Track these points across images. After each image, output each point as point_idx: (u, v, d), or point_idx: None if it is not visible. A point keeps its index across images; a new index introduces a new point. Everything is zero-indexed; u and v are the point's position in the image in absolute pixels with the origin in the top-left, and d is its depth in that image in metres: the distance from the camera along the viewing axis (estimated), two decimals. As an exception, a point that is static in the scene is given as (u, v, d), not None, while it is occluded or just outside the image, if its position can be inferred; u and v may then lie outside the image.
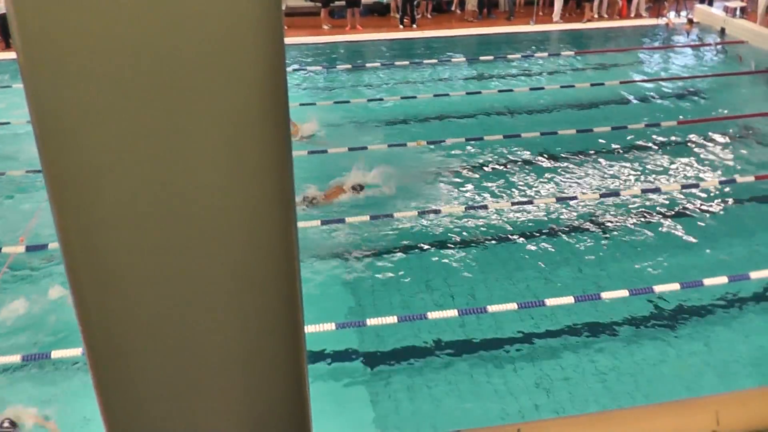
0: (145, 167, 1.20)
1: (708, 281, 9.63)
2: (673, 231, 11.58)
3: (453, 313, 9.01)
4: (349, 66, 19.67)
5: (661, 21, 24.60)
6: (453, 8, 25.13)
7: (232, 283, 1.31)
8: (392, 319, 8.73)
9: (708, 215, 12.09)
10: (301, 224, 10.89)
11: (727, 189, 12.87)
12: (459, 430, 1.32)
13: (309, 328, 8.64)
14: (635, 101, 17.66)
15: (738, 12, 23.57)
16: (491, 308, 8.97)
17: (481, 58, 20.41)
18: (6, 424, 9.59)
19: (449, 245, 10.97)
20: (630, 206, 12.29)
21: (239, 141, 1.22)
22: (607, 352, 8.68)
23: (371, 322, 8.76)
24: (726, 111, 16.80)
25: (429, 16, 24.45)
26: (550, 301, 9.14)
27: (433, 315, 8.91)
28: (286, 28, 22.36)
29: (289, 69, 19.04)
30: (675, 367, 8.48)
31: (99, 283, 1.29)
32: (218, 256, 1.27)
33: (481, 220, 11.63)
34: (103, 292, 1.30)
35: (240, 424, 1.43)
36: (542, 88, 17.93)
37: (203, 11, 1.12)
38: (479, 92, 17.73)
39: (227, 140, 1.22)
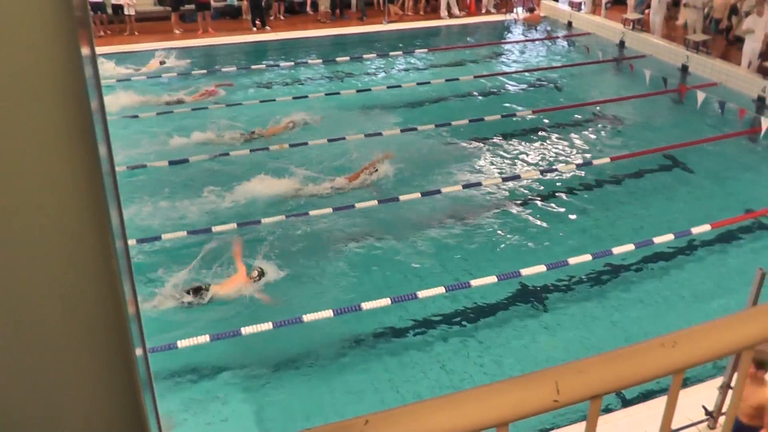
0: None
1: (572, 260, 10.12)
2: (530, 217, 12.01)
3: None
4: (204, 71, 19.11)
5: (510, 16, 25.46)
6: (306, 9, 25.05)
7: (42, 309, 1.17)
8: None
9: (566, 198, 12.62)
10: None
11: (583, 172, 13.52)
12: (307, 429, 1.26)
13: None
14: (490, 93, 18.15)
15: (583, 6, 24.74)
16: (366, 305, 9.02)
17: (338, 59, 20.38)
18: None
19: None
20: (491, 195, 12.65)
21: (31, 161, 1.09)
22: (481, 334, 8.94)
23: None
24: (580, 98, 17.57)
25: (282, 17, 24.26)
26: (422, 293, 9.26)
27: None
28: (136, 33, 21.78)
29: (140, 77, 18.42)
30: (543, 348, 8.81)
31: None
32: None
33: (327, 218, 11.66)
34: None
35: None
36: (399, 86, 18.08)
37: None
38: (338, 93, 17.68)
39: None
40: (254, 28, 22.80)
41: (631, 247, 10.49)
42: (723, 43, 20.48)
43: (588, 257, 10.21)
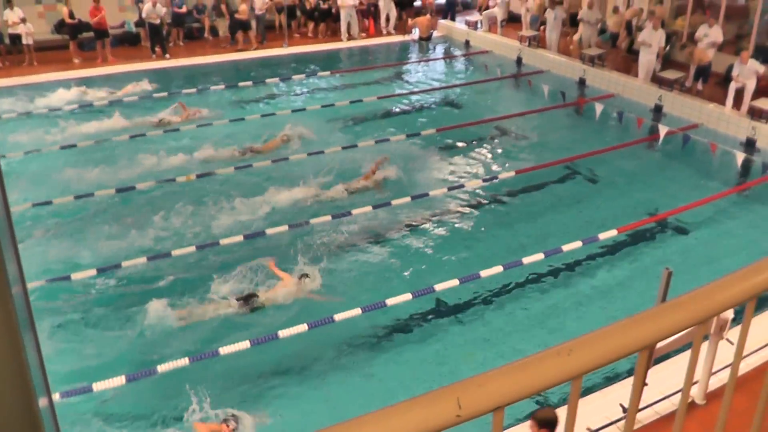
0: None
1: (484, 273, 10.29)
2: (441, 232, 12.19)
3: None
4: (105, 102, 18.59)
5: (409, 37, 25.81)
6: (205, 35, 24.76)
7: None
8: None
9: (475, 212, 12.86)
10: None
11: (488, 186, 13.77)
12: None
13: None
14: (394, 114, 18.33)
15: (479, 25, 25.31)
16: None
17: (240, 84, 20.21)
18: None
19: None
20: (401, 214, 12.77)
21: None
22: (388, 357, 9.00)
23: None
24: (482, 115, 17.92)
25: (181, 43, 23.91)
26: (339, 316, 9.22)
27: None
28: (35, 64, 21.06)
29: (42, 110, 17.83)
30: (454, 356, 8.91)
31: None
32: None
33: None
34: None
35: None
36: (303, 109, 18.04)
37: None
38: (242, 119, 17.41)
39: None
40: (154, 55, 22.40)
41: (540, 256, 10.75)
42: (619, 56, 21.29)
43: (499, 268, 10.40)
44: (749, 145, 15.76)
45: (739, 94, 16.56)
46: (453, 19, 27.06)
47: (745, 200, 13.58)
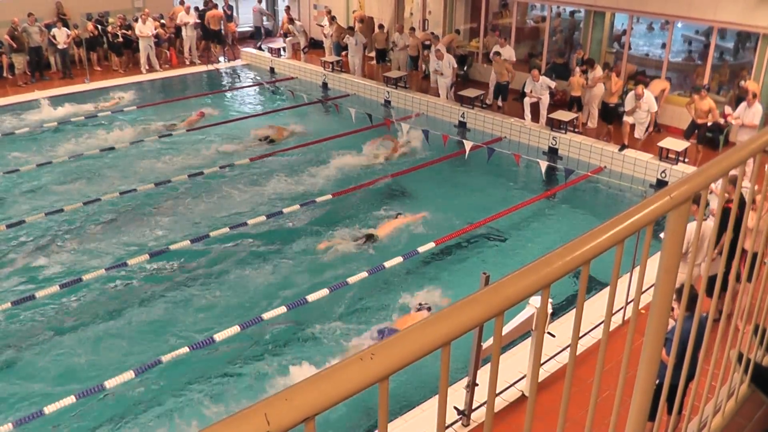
0: None
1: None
2: (259, 261, 12.20)
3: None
4: None
5: (211, 67, 25.52)
6: (3, 74, 23.08)
7: None
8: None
9: (290, 237, 12.94)
10: None
11: (306, 209, 13.88)
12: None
13: None
14: (202, 144, 17.99)
15: (282, 52, 25.44)
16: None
17: (45, 125, 18.99)
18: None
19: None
20: (225, 244, 12.62)
21: None
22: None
23: None
24: (290, 142, 18.02)
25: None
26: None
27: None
28: None
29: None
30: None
31: None
32: None
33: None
34: None
35: None
36: (113, 148, 17.30)
37: None
38: (49, 162, 16.31)
39: None
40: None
41: (365, 274, 11.01)
42: (420, 77, 22.12)
43: (325, 291, 10.50)
44: (552, 153, 16.91)
45: (536, 107, 17.73)
46: (261, 48, 26.93)
47: (554, 203, 14.60)
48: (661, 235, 2.25)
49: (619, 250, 1.95)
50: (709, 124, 15.35)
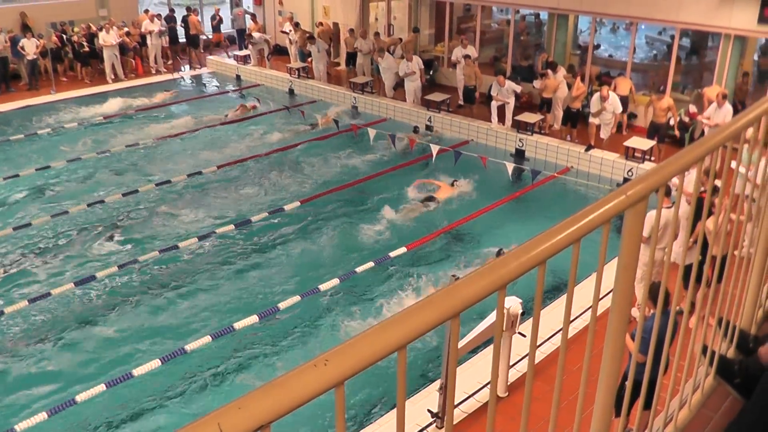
0: None
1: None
2: (225, 270, 12.16)
3: None
4: None
5: (178, 75, 25.32)
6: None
7: None
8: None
9: (259, 244, 12.92)
10: None
11: (278, 218, 13.84)
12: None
13: None
14: (176, 154, 17.87)
15: (248, 59, 25.29)
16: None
17: (12, 138, 18.55)
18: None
19: None
20: (189, 254, 12.55)
21: None
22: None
23: None
24: (259, 149, 17.93)
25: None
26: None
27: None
28: None
29: None
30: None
31: None
32: None
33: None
34: None
35: None
36: (79, 159, 17.04)
37: None
38: (17, 175, 15.93)
39: None
40: None
41: (336, 281, 11.00)
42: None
43: (297, 298, 10.52)
44: (519, 156, 17.02)
45: (503, 110, 17.84)
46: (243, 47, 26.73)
47: (521, 204, 14.71)
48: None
49: (575, 250, 1.97)
50: (671, 122, 15.55)
